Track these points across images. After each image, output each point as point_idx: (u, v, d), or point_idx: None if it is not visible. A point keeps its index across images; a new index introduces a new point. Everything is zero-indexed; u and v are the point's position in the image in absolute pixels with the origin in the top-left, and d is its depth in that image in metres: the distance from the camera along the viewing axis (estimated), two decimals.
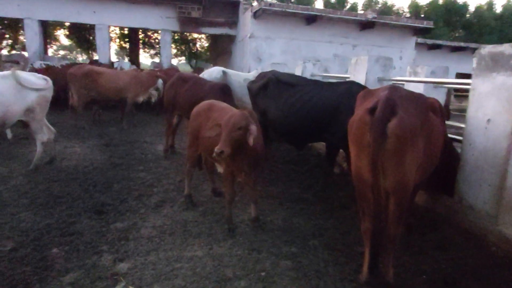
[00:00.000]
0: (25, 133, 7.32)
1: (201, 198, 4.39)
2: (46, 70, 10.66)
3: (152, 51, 27.66)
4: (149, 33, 24.74)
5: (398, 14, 31.38)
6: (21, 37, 22.23)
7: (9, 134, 6.78)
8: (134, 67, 12.98)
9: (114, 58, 21.69)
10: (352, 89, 4.32)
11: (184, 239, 3.31)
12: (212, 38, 21.87)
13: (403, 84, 4.96)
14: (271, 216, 3.93)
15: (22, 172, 5.12)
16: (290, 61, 12.86)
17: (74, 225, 3.51)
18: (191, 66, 27.27)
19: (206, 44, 27.11)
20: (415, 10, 30.67)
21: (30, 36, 13.67)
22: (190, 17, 14.77)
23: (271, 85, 4.85)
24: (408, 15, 31.05)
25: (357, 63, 5.30)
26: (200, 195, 4.47)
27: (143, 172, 5.35)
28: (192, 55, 27.52)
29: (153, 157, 6.24)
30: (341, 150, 4.84)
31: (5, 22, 20.46)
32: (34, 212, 3.78)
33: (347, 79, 5.64)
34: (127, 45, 24.91)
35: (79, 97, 8.54)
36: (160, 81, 9.23)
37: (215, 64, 21.59)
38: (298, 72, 7.75)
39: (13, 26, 20.90)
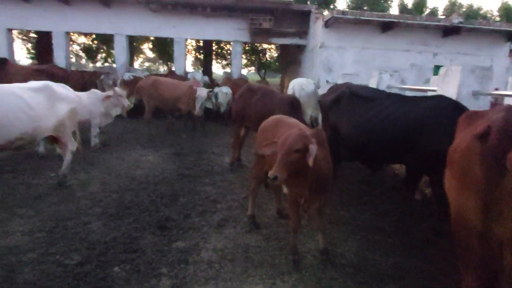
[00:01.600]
0: (104, 140, 7.76)
1: (265, 219, 4.08)
2: (133, 82, 11.40)
3: (224, 62, 28.45)
4: (221, 44, 25.49)
5: (486, 18, 28.22)
6: (112, 51, 24.41)
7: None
8: (206, 77, 13.28)
9: (190, 69, 22.69)
10: (441, 104, 3.68)
11: (245, 269, 3.01)
12: (282, 48, 21.74)
13: (503, 99, 4.15)
14: (342, 247, 3.46)
15: (100, 178, 5.32)
16: (362, 72, 12.08)
17: (138, 240, 3.43)
18: (260, 76, 27.48)
19: (275, 54, 27.15)
20: (506, 13, 27.31)
21: (119, 50, 14.78)
22: (261, 28, 14.75)
23: (345, 99, 4.38)
24: (497, 19, 27.75)
25: (447, 74, 4.57)
26: (264, 216, 4.16)
27: (209, 186, 5.22)
28: (261, 65, 27.73)
29: (220, 170, 6.12)
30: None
31: (97, 37, 22.64)
32: (104, 223, 3.80)
33: (433, 92, 4.92)
34: (201, 56, 25.95)
35: (146, 107, 8.88)
36: (201, 92, 8.84)
37: (284, 74, 21.39)
38: (372, 83, 7.11)
39: (106, 41, 22.99)
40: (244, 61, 27.25)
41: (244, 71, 27.69)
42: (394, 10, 30.08)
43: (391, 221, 4.09)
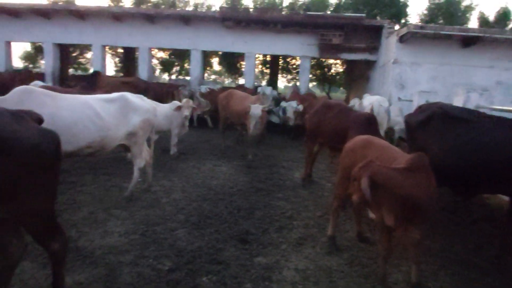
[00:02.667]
0: (184, 149, 8.15)
1: (344, 241, 3.91)
2: (210, 94, 11.93)
3: (289, 76, 28.59)
4: (288, 59, 25.66)
5: None
6: (186, 65, 25.86)
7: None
8: (275, 92, 13.41)
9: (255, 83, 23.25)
10: None
11: None
12: (348, 64, 21.26)
13: None
14: (432, 282, 3.17)
15: (180, 186, 5.56)
16: (439, 89, 11.29)
17: (221, 252, 3.48)
18: (324, 91, 27.09)
19: (340, 69, 26.64)
20: None
21: (194, 64, 15.64)
22: (331, 44, 14.59)
23: (436, 120, 4.07)
24: None
25: None
26: (343, 238, 3.99)
27: (283, 201, 5.18)
28: (326, 80, 27.36)
29: (291, 185, 6.05)
30: None
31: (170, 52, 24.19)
32: (188, 231, 3.93)
33: None
34: (267, 71, 26.37)
35: (220, 118, 9.14)
36: (255, 110, 7.80)
37: (349, 90, 20.85)
38: (458, 103, 6.56)
39: (181, 55, 24.49)
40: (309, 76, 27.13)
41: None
42: (473, 23, 27.87)
43: (487, 256, 3.67)
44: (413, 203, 2.67)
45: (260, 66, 27.21)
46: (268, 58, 24.02)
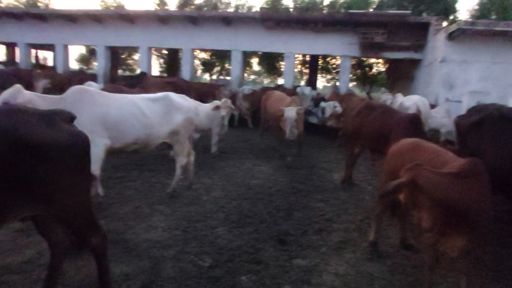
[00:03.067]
0: (224, 148, 8.25)
1: (386, 247, 3.74)
2: (252, 94, 12.01)
3: (328, 76, 28.07)
4: (327, 59, 25.19)
5: None
6: (226, 65, 26.26)
7: (213, 149, 7.69)
8: (314, 92, 13.21)
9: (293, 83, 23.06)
10: None
11: None
12: (391, 63, 20.43)
13: None
14: None
15: (220, 184, 5.63)
16: (491, 89, 10.54)
17: (260, 252, 3.46)
18: (365, 91, 26.27)
19: (382, 69, 25.70)
20: None
21: (234, 64, 15.83)
22: (373, 42, 14.09)
23: (491, 122, 3.78)
24: None
25: None
26: (384, 244, 3.82)
27: (322, 203, 5.07)
28: (367, 80, 26.53)
29: (331, 186, 5.91)
30: None
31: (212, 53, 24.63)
32: (228, 229, 3.96)
33: None
34: (306, 70, 26.08)
35: (261, 118, 9.13)
36: (290, 113, 7.37)
37: (392, 90, 20.04)
38: None
39: (221, 56, 24.88)
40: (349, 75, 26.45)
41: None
42: None
43: None
44: (460, 210, 2.49)
45: (299, 66, 26.96)
46: (308, 58, 23.73)
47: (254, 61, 28.76)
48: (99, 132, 4.03)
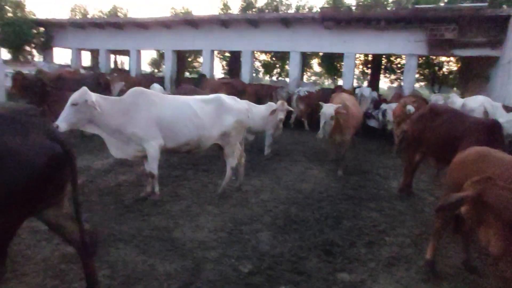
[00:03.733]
0: (277, 150, 8.15)
1: (446, 268, 3.33)
2: (307, 96, 11.79)
3: (393, 76, 26.38)
4: (391, 58, 23.69)
5: None
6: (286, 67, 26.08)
7: (266, 150, 7.65)
8: (374, 93, 12.47)
9: (355, 84, 22.04)
10: None
11: None
12: (463, 61, 18.52)
13: None
14: None
15: (270, 187, 5.54)
16: None
17: (303, 261, 3.30)
18: (434, 92, 24.19)
19: (454, 68, 23.41)
20: None
21: (293, 66, 15.63)
22: (442, 39, 12.85)
23: None
24: None
25: None
26: (444, 264, 3.40)
27: (375, 212, 4.71)
28: (435, 80, 24.38)
29: (386, 195, 5.49)
30: None
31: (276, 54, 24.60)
32: (272, 234, 3.86)
33: None
34: (368, 71, 24.82)
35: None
36: (327, 109, 6.59)
37: (464, 91, 18.15)
38: None
39: (282, 57, 24.79)
40: (416, 76, 24.57)
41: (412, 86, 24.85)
42: None
43: None
44: None
45: (360, 67, 25.79)
46: (370, 58, 22.57)
47: (315, 62, 28.18)
48: (154, 133, 4.19)
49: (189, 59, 28.30)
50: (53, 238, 3.34)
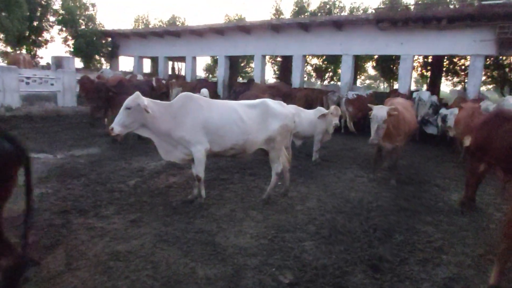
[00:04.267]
0: (326, 155, 7.90)
1: None
2: (357, 100, 11.35)
3: (456, 79, 24.35)
4: (454, 60, 21.90)
5: None
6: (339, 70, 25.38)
7: (314, 156, 7.44)
8: (434, 97, 11.56)
9: (413, 87, 20.70)
10: None
11: None
12: None
13: None
14: None
15: (316, 194, 5.36)
16: None
17: (348, 276, 3.10)
18: (503, 95, 21.88)
19: None
20: None
21: (345, 69, 15.15)
22: None
23: None
24: None
25: None
26: None
27: (431, 227, 4.31)
28: (506, 83, 22.00)
29: (445, 208, 5.01)
30: None
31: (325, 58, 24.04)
32: (316, 244, 3.69)
33: None
34: (428, 73, 23.21)
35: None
36: (379, 112, 6.00)
37: None
38: None
39: (333, 61, 24.18)
40: (482, 78, 22.41)
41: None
42: None
43: None
44: None
45: (419, 69, 24.22)
46: (430, 60, 21.10)
47: (369, 65, 27.08)
48: (201, 137, 4.27)
49: (242, 64, 28.81)
50: (106, 235, 3.53)
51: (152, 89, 9.39)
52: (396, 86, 25.06)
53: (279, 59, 25.38)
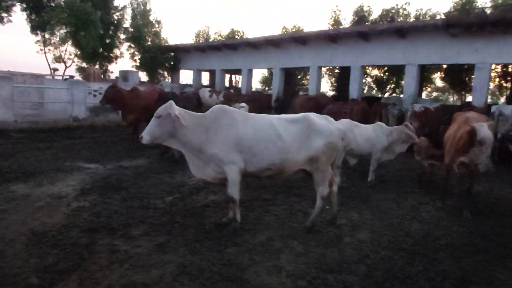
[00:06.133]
0: (384, 176, 6.98)
1: None
2: (423, 113, 10.18)
3: None
4: None
5: None
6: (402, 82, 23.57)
7: (370, 176, 6.60)
8: None
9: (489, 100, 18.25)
10: None
11: None
12: None
13: None
14: None
15: (370, 224, 4.59)
16: None
17: None
18: None
19: None
20: None
21: (408, 80, 13.82)
22: None
23: None
24: None
25: None
26: None
27: None
28: None
29: None
30: None
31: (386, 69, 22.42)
32: None
33: None
34: (508, 84, 20.44)
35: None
36: (486, 133, 5.36)
37: None
38: None
39: (395, 72, 22.49)
40: None
41: None
42: None
43: None
44: None
45: (496, 80, 21.49)
46: (511, 69, 18.58)
47: (437, 75, 24.75)
48: (235, 155, 3.82)
49: (299, 77, 28.30)
50: (126, 261, 3.22)
51: (199, 101, 9.30)
52: (468, 98, 22.57)
53: (336, 70, 24.42)
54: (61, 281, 2.83)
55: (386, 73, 24.04)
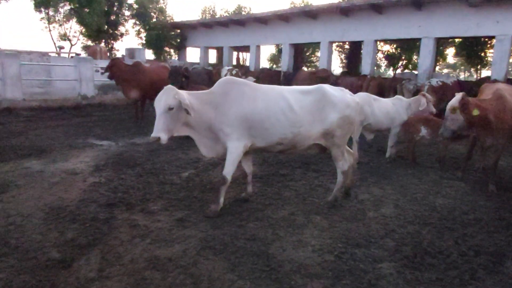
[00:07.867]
0: (404, 151, 6.77)
1: None
2: (441, 88, 9.82)
3: None
4: None
5: None
6: (414, 57, 22.84)
7: (389, 152, 6.41)
8: None
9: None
10: None
11: None
12: None
13: None
14: None
15: (393, 199, 4.44)
16: None
17: None
18: None
19: None
20: None
21: (424, 54, 13.30)
22: None
23: None
24: None
25: None
26: None
27: None
28: None
29: None
30: None
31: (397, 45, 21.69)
32: (397, 267, 2.86)
33: None
34: None
35: None
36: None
37: None
38: None
39: (408, 48, 21.74)
40: None
41: None
42: None
43: None
44: None
45: None
46: None
47: (449, 52, 23.94)
48: (241, 131, 3.60)
49: (307, 54, 27.62)
50: (148, 236, 3.13)
51: (210, 78, 9.00)
52: (482, 74, 21.85)
53: (346, 46, 23.72)
54: (83, 255, 2.74)
55: (398, 49, 23.28)
